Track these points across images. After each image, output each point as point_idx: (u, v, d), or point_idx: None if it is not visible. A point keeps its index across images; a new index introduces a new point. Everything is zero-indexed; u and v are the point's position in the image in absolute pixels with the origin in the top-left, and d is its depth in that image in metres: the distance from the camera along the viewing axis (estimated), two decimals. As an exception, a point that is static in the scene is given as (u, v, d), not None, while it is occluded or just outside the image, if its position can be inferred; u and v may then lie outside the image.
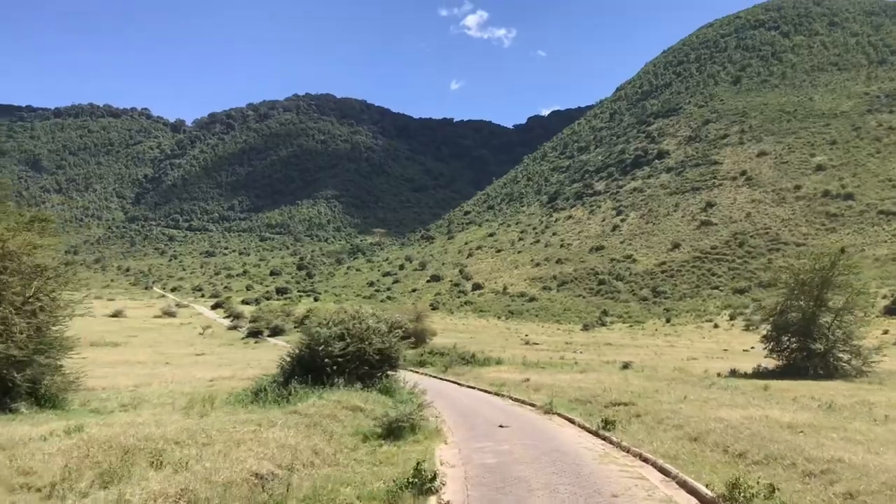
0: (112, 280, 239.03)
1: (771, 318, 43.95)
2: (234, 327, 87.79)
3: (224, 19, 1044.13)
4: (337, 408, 19.50)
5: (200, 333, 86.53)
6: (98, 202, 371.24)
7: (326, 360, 23.85)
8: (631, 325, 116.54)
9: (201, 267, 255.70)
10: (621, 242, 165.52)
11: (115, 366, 41.65)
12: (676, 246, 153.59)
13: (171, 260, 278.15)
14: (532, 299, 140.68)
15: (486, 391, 32.22)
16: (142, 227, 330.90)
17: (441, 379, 40.85)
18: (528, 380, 33.18)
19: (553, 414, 23.55)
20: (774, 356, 42.27)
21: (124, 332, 75.34)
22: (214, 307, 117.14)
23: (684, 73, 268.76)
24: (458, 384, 37.02)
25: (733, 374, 39.22)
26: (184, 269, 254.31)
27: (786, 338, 41.97)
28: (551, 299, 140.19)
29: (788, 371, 40.03)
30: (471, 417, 23.50)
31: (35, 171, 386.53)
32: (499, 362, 47.52)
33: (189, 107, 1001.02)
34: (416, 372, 44.99)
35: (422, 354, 53.15)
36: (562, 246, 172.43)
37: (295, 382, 22.74)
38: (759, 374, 39.62)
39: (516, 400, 28.22)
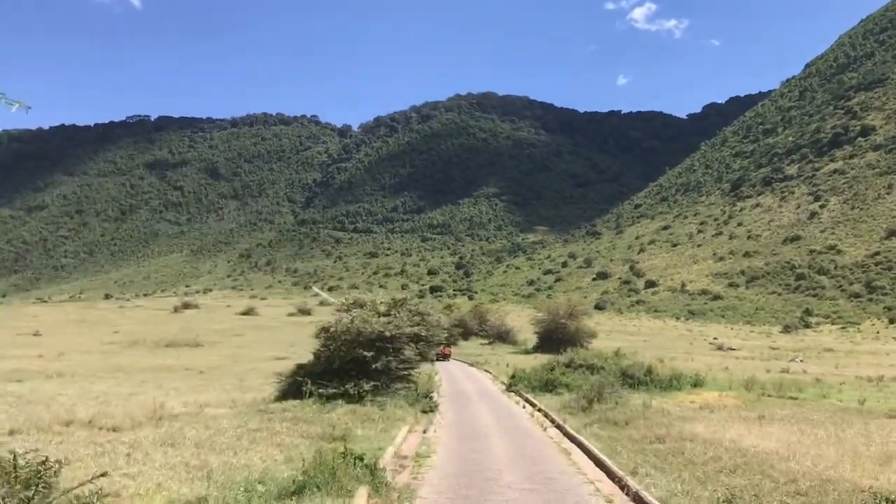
0: (279, 281, 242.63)
1: None
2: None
3: (387, 25, 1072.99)
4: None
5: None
6: (270, 206, 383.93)
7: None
8: (843, 327, 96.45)
9: (363, 267, 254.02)
10: (822, 231, 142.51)
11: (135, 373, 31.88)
12: (893, 233, 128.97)
13: (336, 261, 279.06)
14: (716, 297, 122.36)
15: None
16: (310, 229, 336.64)
17: (565, 434, 18.08)
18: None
19: None
20: None
21: (235, 330, 68.24)
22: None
23: (889, 41, 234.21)
24: (609, 472, 12.95)
25: None
26: (347, 270, 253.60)
27: None
28: (739, 297, 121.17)
29: None
30: None
31: (213, 179, 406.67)
32: (696, 383, 28.21)
33: (356, 112, 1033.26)
34: (534, 406, 24.21)
35: (552, 368, 31.46)
36: (749, 237, 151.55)
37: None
38: None
39: None
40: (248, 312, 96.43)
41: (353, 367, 22.24)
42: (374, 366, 22.19)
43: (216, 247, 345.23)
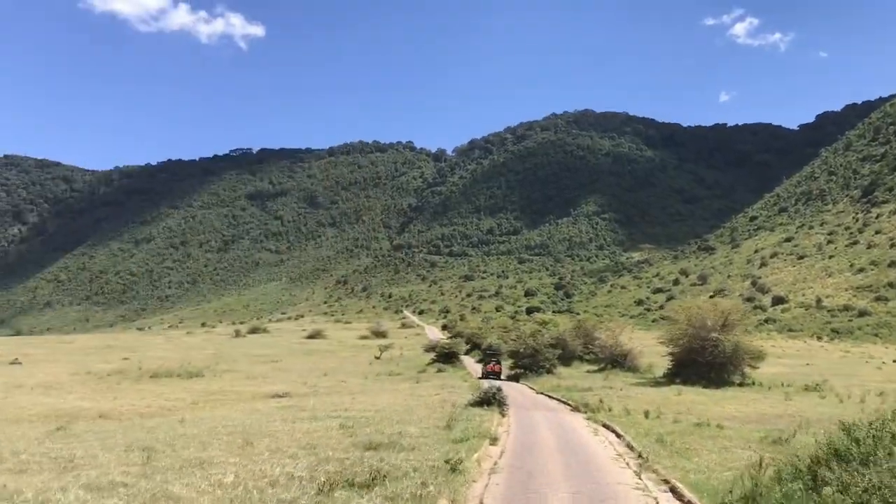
0: (372, 306, 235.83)
1: None
2: (433, 348, 67.93)
3: (479, 48, 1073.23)
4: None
5: (377, 357, 72.44)
6: (367, 233, 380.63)
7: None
8: None
9: (457, 290, 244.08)
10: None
11: None
12: None
13: (430, 285, 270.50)
14: (863, 314, 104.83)
15: None
16: (405, 254, 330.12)
17: None
18: None
19: None
20: None
21: (275, 355, 59.95)
22: (443, 328, 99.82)
23: None
24: None
25: None
26: (442, 294, 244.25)
27: None
28: (893, 313, 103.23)
29: None
30: None
31: (312, 207, 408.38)
32: None
33: (450, 137, 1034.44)
34: None
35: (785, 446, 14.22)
36: (892, 246, 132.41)
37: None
38: None
39: None
40: (315, 336, 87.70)
41: None
42: None
43: (314, 274, 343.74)
